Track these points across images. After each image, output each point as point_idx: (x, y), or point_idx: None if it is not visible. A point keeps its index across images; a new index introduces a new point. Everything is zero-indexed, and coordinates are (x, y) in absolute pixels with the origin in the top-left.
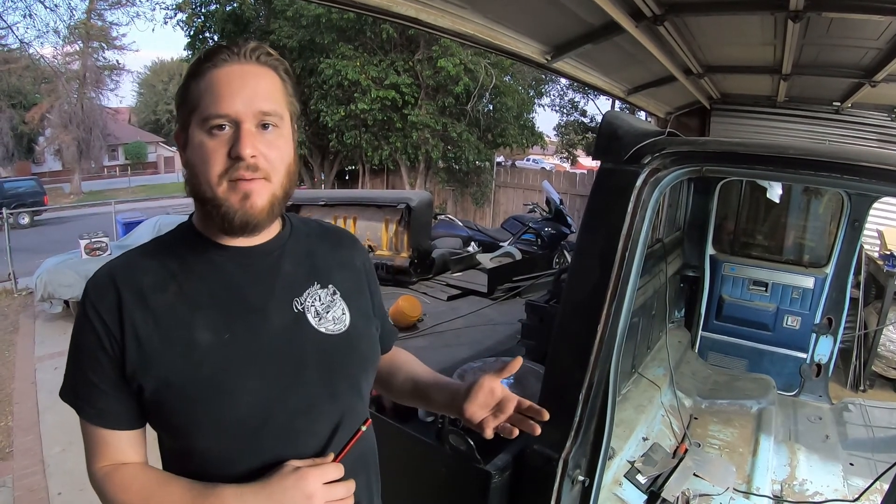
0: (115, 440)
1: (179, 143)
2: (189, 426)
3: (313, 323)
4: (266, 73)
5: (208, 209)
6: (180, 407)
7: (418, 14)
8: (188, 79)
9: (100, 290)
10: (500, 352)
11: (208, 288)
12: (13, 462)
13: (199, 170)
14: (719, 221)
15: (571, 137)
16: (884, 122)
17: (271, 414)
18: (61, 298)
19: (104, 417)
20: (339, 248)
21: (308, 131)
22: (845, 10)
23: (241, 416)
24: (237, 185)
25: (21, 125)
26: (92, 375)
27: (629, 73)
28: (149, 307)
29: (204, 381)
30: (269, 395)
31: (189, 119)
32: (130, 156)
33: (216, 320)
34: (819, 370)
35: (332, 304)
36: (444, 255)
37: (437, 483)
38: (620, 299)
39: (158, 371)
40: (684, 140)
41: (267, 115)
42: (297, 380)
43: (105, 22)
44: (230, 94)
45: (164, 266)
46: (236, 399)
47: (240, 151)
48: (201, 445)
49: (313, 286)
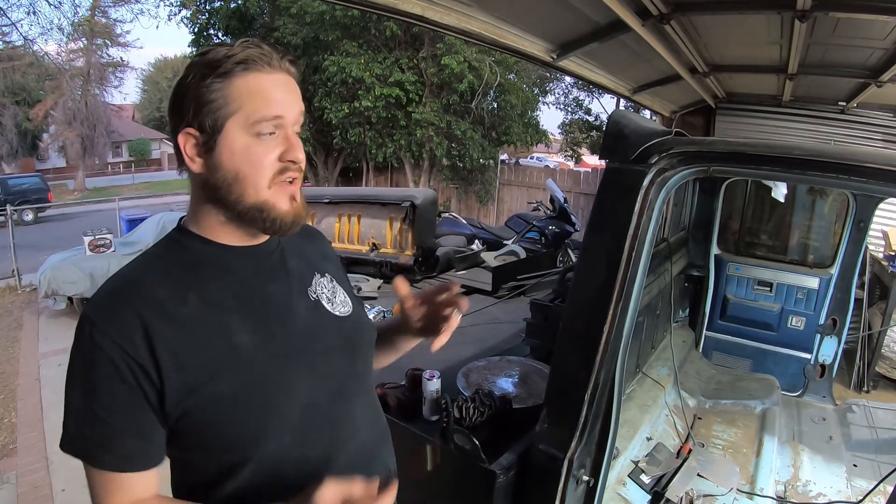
0: (134, 480)
1: (194, 147)
2: (248, 437)
3: (329, 308)
4: (294, 81)
5: (251, 215)
6: (236, 417)
7: (424, 12)
8: (213, 77)
9: (111, 316)
10: (505, 350)
11: (231, 291)
12: (17, 458)
13: (244, 174)
14: (724, 221)
15: (576, 136)
16: (889, 122)
17: (316, 401)
18: (65, 295)
19: (127, 461)
20: (314, 241)
21: (312, 129)
22: (852, 10)
23: (294, 409)
24: (283, 188)
25: (25, 122)
26: (106, 414)
27: (635, 71)
28: (177, 322)
29: (257, 383)
30: (312, 386)
31: (224, 122)
32: (134, 152)
33: (251, 322)
34: (823, 371)
35: (335, 290)
36: (449, 253)
37: (441, 482)
38: (627, 299)
39: (208, 387)
40: (691, 140)
41: (301, 116)
42: (329, 364)
43: (109, 19)
44: (281, 100)
45: (172, 276)
46: (290, 392)
47: (296, 155)
48: (257, 451)
49: (316, 276)
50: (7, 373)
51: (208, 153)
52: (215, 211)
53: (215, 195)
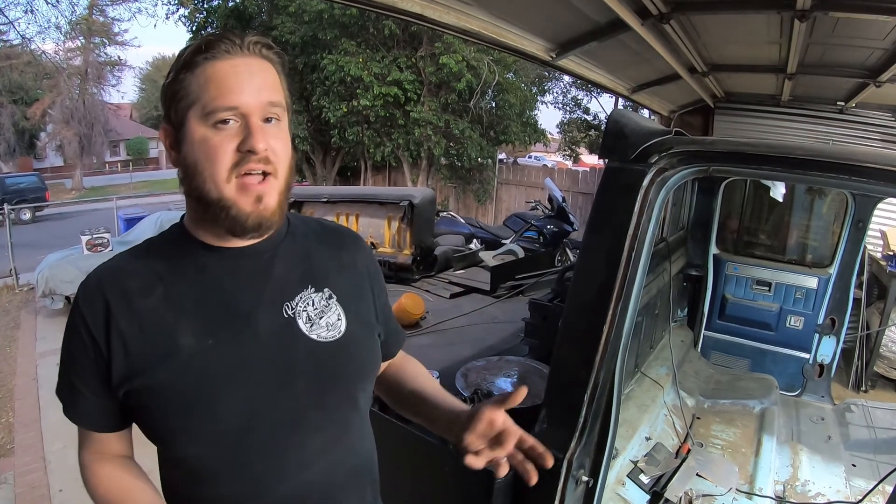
0: (98, 437)
1: (169, 141)
2: (172, 434)
3: (304, 329)
4: (268, 66)
5: (214, 211)
6: (163, 415)
7: (423, 10)
8: (180, 71)
9: (88, 297)
10: (504, 350)
11: (195, 292)
12: (14, 458)
13: (201, 167)
14: (723, 221)
15: (574, 135)
16: (887, 122)
17: (254, 425)
18: (63, 294)
19: (86, 420)
20: (339, 249)
21: (310, 127)
22: (852, 10)
23: (222, 426)
24: (248, 187)
25: (23, 121)
26: (76, 380)
27: (634, 70)
28: (134, 312)
29: (186, 388)
30: (252, 405)
31: (185, 114)
32: (132, 151)
33: (200, 326)
34: (821, 370)
35: (326, 310)
36: (447, 252)
37: (440, 483)
38: (626, 299)
39: (143, 378)
40: (692, 139)
41: (274, 106)
42: (283, 390)
43: (107, 17)
44: (237, 87)
45: (151, 269)
46: (218, 408)
47: (253, 144)
48: (186, 454)
49: (307, 290)
50: (4, 372)
51: (178, 147)
52: (192, 206)
53: (187, 191)
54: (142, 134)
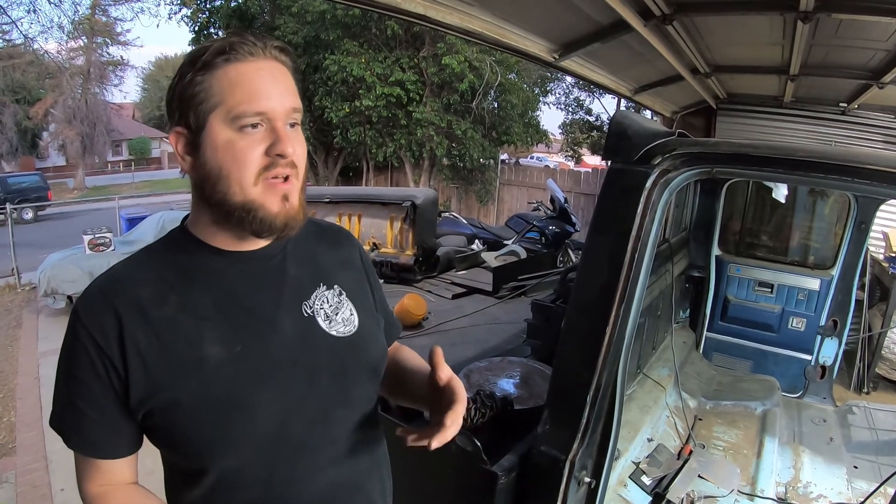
0: (106, 466)
1: (182, 145)
2: (207, 446)
3: (324, 326)
4: (286, 71)
5: (239, 215)
6: (196, 428)
7: (426, 11)
8: (197, 72)
9: (93, 310)
10: (506, 351)
11: (212, 298)
12: (16, 458)
13: (227, 171)
14: (725, 222)
15: (576, 136)
16: (890, 123)
17: (288, 426)
18: (65, 294)
19: (95, 448)
20: (338, 246)
21: (312, 128)
22: (855, 12)
23: (257, 431)
24: (274, 186)
25: (25, 120)
26: (82, 404)
27: (636, 71)
28: (150, 323)
29: (217, 399)
30: (285, 406)
31: (207, 117)
32: (134, 151)
33: (224, 333)
34: (823, 372)
35: (339, 306)
36: (449, 253)
37: (443, 483)
38: (629, 300)
39: (168, 393)
40: (695, 141)
41: (296, 111)
42: (311, 388)
43: (109, 17)
44: (265, 92)
45: (160, 277)
46: (252, 415)
47: (284, 149)
48: (219, 465)
49: (320, 288)
50: (6, 371)
51: (196, 151)
52: (207, 211)
53: (204, 194)
54: (144, 134)
